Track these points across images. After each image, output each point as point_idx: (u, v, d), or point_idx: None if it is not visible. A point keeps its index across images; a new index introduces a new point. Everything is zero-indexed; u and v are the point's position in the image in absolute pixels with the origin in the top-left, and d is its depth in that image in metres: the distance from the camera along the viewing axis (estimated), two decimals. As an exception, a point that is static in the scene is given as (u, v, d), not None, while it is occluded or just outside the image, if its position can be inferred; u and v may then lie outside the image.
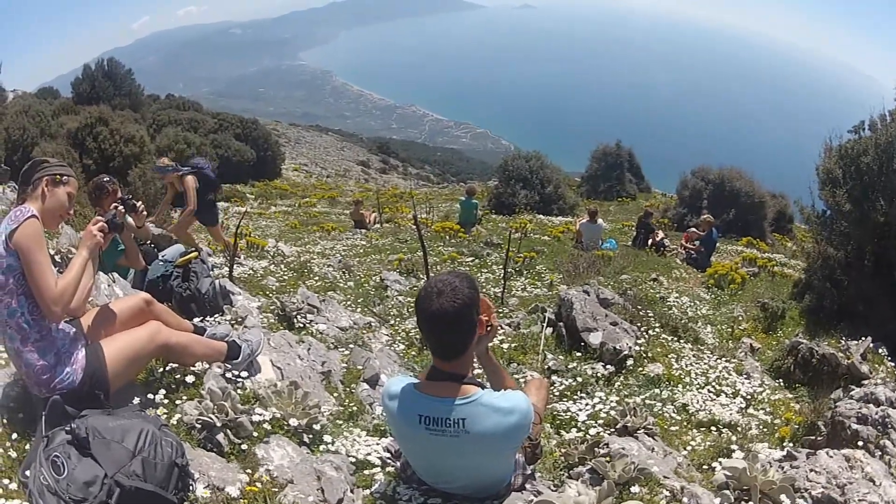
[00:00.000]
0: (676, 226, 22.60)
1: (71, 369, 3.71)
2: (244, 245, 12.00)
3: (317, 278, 10.73)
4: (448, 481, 3.38)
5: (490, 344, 3.65)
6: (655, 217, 20.80)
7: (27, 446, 3.45)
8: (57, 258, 6.63)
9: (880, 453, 4.91)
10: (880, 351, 7.90)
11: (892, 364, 7.69)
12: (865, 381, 6.86)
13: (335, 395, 5.18)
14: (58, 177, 3.90)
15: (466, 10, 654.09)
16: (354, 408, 4.98)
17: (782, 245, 21.77)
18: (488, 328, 3.41)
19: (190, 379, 4.26)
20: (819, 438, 5.73)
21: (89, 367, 3.76)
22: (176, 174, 10.13)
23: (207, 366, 4.40)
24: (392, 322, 8.74)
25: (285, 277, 10.24)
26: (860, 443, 5.08)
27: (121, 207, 4.62)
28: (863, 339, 7.98)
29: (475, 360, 3.51)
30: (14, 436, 3.54)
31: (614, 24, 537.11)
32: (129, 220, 6.16)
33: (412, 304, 9.62)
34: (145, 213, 6.79)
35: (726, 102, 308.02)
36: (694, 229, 16.91)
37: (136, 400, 3.99)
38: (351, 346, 6.58)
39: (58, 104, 30.75)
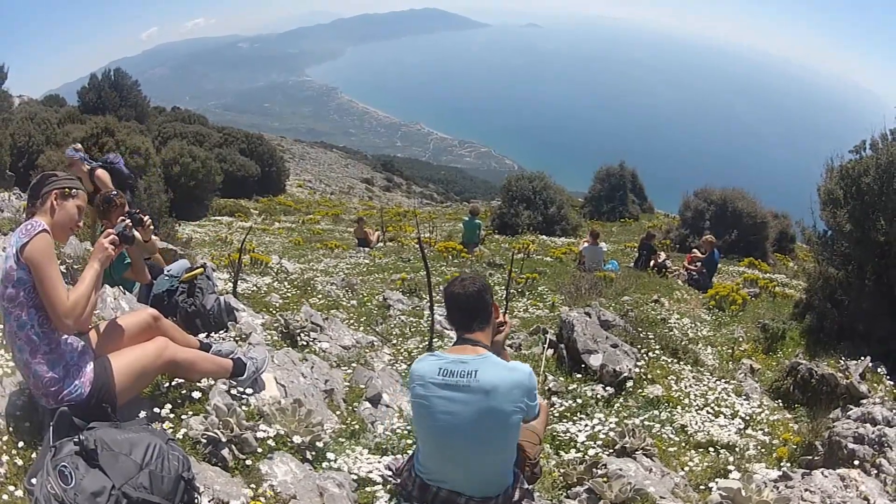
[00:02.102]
0: (678, 247, 22.62)
1: (79, 382, 3.77)
2: (248, 261, 12.07)
3: (320, 296, 10.79)
4: (451, 471, 3.58)
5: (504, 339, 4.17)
6: (658, 238, 20.83)
7: (33, 455, 3.52)
8: (62, 269, 6.71)
9: (876, 472, 4.94)
10: (879, 370, 7.91)
11: (892, 383, 7.69)
12: (864, 401, 6.89)
13: (338, 413, 5.24)
14: (66, 190, 3.97)
15: (473, 28, 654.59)
16: (357, 426, 5.04)
17: (784, 265, 21.78)
18: (501, 326, 4.04)
19: (196, 395, 4.32)
20: (816, 458, 5.77)
21: (97, 381, 3.82)
22: (83, 165, 9.41)
23: (213, 382, 4.47)
24: (394, 342, 8.79)
25: (289, 295, 10.30)
26: (856, 462, 5.12)
27: (128, 221, 4.68)
28: (862, 358, 8.00)
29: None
30: (20, 444, 3.62)
31: (619, 43, 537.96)
32: (136, 234, 6.24)
33: (414, 324, 9.70)
34: (152, 227, 6.89)
35: (729, 120, 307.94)
36: (696, 250, 16.96)
37: (143, 414, 4.04)
38: (353, 364, 6.64)
39: (64, 112, 30.99)
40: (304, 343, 7.03)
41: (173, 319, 6.32)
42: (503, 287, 11.93)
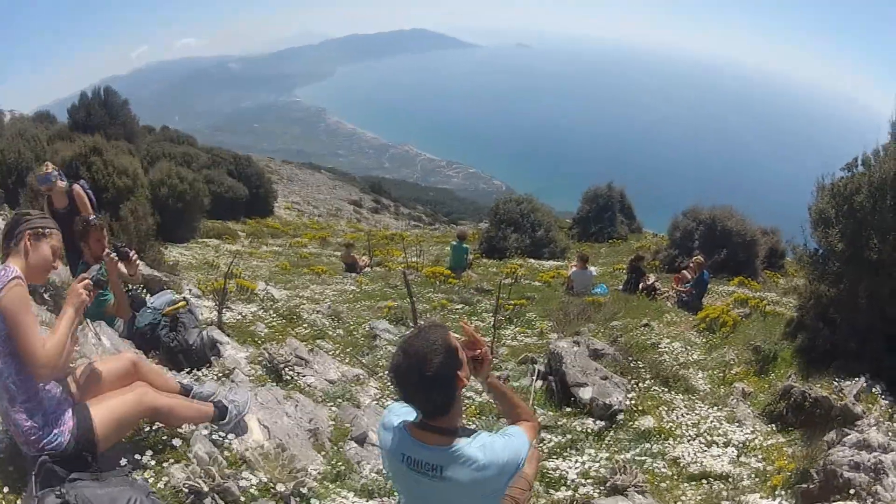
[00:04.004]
0: (667, 268, 22.61)
1: (59, 431, 3.72)
2: (233, 287, 11.94)
3: (306, 325, 10.69)
4: None
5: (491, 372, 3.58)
6: (647, 259, 20.83)
7: (18, 502, 3.51)
8: (46, 296, 6.69)
9: (872, 500, 4.89)
10: (873, 390, 7.89)
11: (886, 402, 7.66)
12: (859, 422, 6.84)
13: (322, 453, 5.16)
14: (40, 230, 3.93)
15: (462, 48, 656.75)
16: (342, 467, 4.95)
17: (774, 283, 21.79)
18: (481, 361, 3.39)
19: (177, 442, 4.25)
20: (812, 486, 5.71)
21: (77, 430, 3.77)
22: (61, 183, 9.26)
23: (195, 427, 4.39)
24: (381, 374, 8.70)
25: (274, 324, 10.19)
26: (852, 490, 5.07)
27: (113, 255, 4.63)
28: (856, 379, 7.97)
29: (484, 390, 3.52)
30: (5, 489, 3.60)
31: (609, 62, 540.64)
32: (122, 267, 6.19)
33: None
34: (138, 262, 6.82)
35: (722, 136, 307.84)
36: (685, 272, 16.94)
37: (124, 461, 3.97)
38: (339, 400, 6.55)
39: (54, 130, 31.02)
40: (289, 378, 6.95)
41: (156, 353, 6.25)
42: (491, 314, 11.83)
